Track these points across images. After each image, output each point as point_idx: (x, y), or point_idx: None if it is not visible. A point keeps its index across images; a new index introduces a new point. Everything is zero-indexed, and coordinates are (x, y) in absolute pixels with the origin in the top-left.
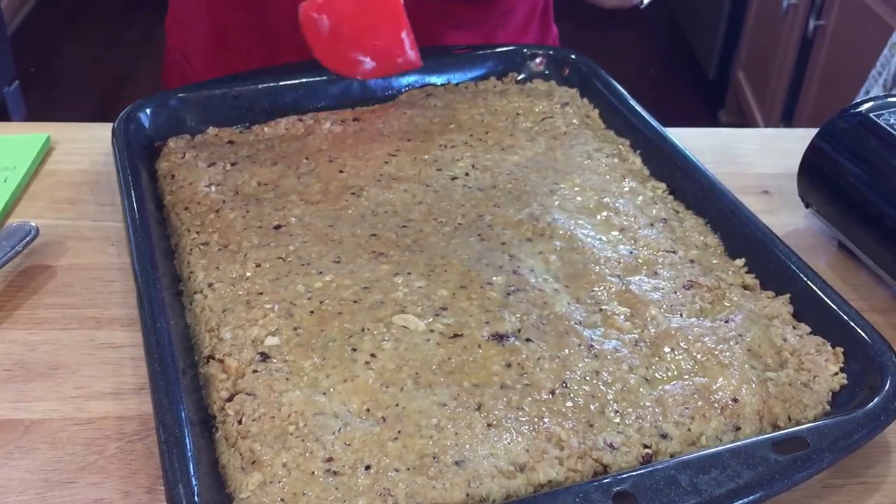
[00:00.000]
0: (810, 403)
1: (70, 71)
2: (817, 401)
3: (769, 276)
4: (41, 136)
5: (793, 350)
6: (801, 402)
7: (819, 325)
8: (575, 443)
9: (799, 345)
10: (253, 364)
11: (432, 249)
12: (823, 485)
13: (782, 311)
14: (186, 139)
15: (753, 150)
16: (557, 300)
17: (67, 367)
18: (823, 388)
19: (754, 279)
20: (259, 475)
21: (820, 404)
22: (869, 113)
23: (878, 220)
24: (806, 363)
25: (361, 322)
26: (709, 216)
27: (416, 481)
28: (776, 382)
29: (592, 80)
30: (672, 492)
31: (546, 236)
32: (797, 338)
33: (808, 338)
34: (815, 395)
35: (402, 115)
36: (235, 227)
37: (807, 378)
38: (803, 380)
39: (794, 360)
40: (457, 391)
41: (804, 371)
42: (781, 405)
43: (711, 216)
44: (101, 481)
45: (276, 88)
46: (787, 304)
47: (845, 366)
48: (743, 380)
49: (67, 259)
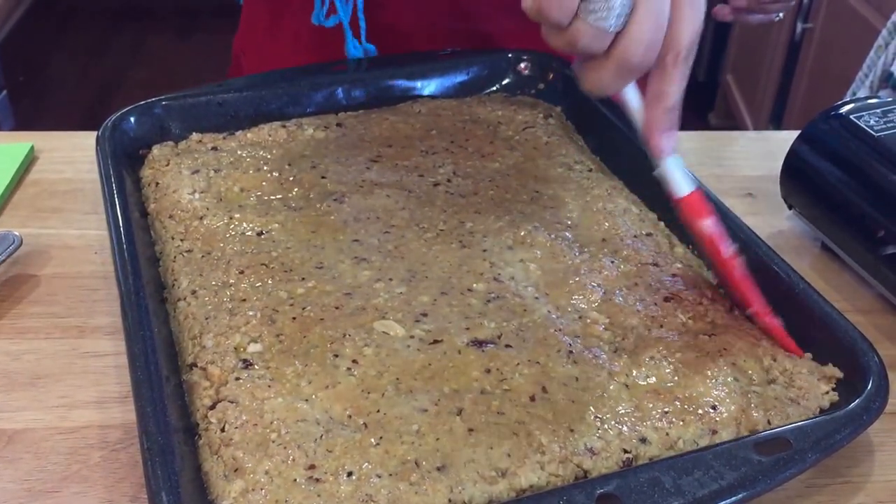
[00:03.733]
0: (795, 416)
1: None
2: (804, 416)
3: (753, 277)
4: (25, 146)
5: (783, 369)
6: (784, 412)
7: (801, 326)
8: (556, 448)
9: (791, 365)
10: (235, 371)
11: (413, 255)
12: (807, 485)
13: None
14: (170, 146)
15: (737, 152)
16: (537, 308)
17: (51, 376)
18: (812, 404)
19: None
20: (241, 483)
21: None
22: (849, 115)
23: (860, 221)
24: (797, 381)
25: (343, 328)
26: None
27: (398, 487)
28: (761, 395)
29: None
30: (656, 493)
31: (527, 244)
32: (789, 359)
33: (800, 360)
34: (801, 410)
35: (384, 121)
36: (218, 234)
37: (795, 395)
38: (791, 396)
39: (784, 378)
40: (437, 397)
41: (794, 388)
42: (763, 414)
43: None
44: (84, 490)
45: (260, 96)
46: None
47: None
48: (723, 390)
49: (51, 268)
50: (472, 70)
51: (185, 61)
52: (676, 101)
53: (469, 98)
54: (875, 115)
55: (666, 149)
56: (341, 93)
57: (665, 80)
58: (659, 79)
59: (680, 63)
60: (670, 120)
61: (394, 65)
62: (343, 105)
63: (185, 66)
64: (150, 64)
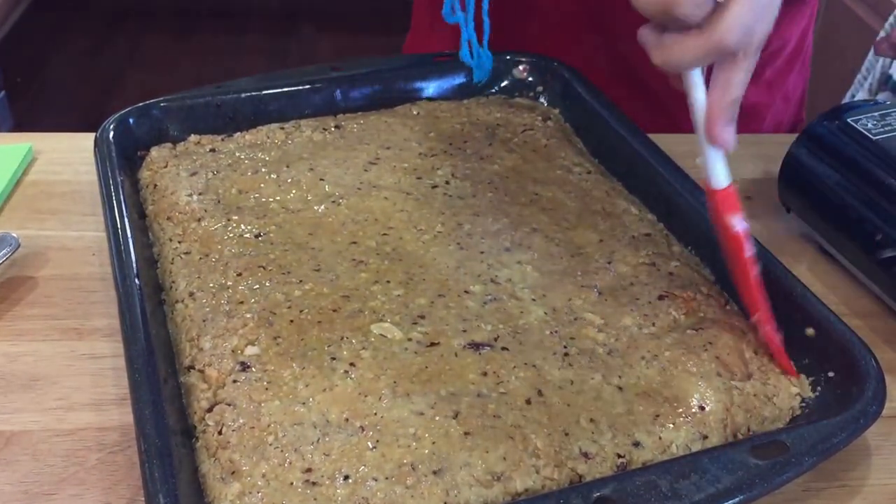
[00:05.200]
0: (770, 417)
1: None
2: (778, 417)
3: None
4: (24, 147)
5: (760, 364)
6: (761, 414)
7: (798, 329)
8: (551, 452)
9: (767, 361)
10: (233, 374)
11: (411, 258)
12: (804, 488)
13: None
14: (168, 148)
15: (735, 155)
16: (534, 310)
17: (48, 378)
18: (784, 404)
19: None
20: (238, 485)
21: (780, 420)
22: (847, 118)
23: (857, 224)
24: (771, 378)
25: (340, 331)
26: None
27: (394, 490)
28: (741, 391)
29: (575, 87)
30: (652, 497)
31: (524, 246)
32: (768, 355)
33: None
34: (776, 410)
35: (383, 123)
36: (216, 236)
37: (771, 392)
38: (767, 393)
39: (760, 374)
40: (434, 400)
41: (770, 385)
42: (744, 415)
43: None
44: (81, 493)
45: (259, 97)
46: None
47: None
48: (709, 388)
49: (49, 270)
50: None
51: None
52: (741, 93)
53: (467, 100)
54: (873, 119)
55: (727, 140)
56: (339, 95)
57: (735, 70)
58: (729, 68)
59: (750, 55)
60: (733, 111)
61: (392, 67)
62: (341, 107)
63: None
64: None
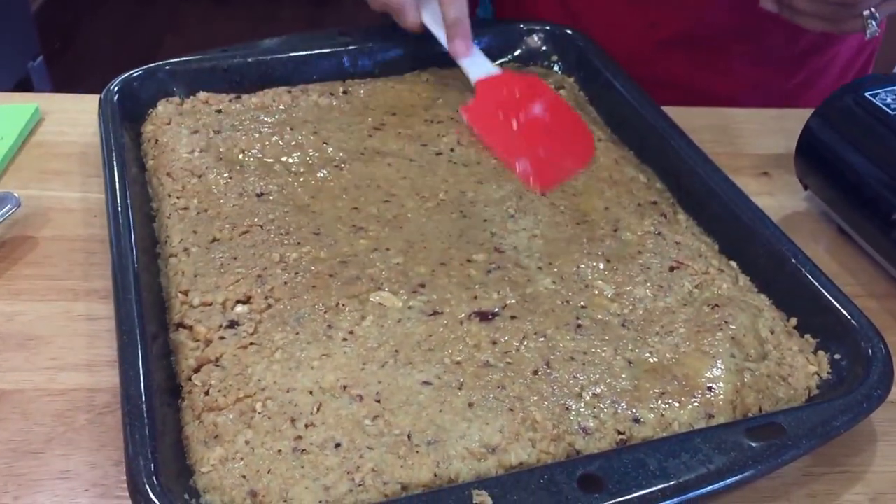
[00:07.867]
0: (784, 398)
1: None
2: (793, 397)
3: (760, 259)
4: (30, 107)
5: (777, 344)
6: (775, 395)
7: (808, 309)
8: (549, 426)
9: (785, 340)
10: (221, 331)
11: (412, 225)
12: (804, 472)
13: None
14: (175, 103)
15: (754, 130)
16: (540, 278)
17: (43, 338)
18: (801, 384)
19: (743, 273)
20: (221, 450)
21: (795, 401)
22: (864, 92)
23: (875, 202)
24: (788, 359)
25: (336, 297)
26: (701, 198)
27: (384, 460)
28: (754, 373)
29: (590, 57)
30: (640, 475)
31: (529, 213)
32: (785, 334)
33: (795, 337)
34: (791, 391)
35: (390, 90)
36: (216, 192)
37: (786, 373)
38: (782, 374)
39: (777, 353)
40: (440, 370)
41: (785, 365)
42: (755, 395)
43: (703, 198)
44: (69, 452)
45: (266, 62)
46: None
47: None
48: (722, 369)
49: (50, 230)
50: (484, 40)
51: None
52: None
53: None
54: (892, 94)
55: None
56: (348, 61)
57: None
58: None
59: None
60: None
61: (402, 33)
62: (350, 74)
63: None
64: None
